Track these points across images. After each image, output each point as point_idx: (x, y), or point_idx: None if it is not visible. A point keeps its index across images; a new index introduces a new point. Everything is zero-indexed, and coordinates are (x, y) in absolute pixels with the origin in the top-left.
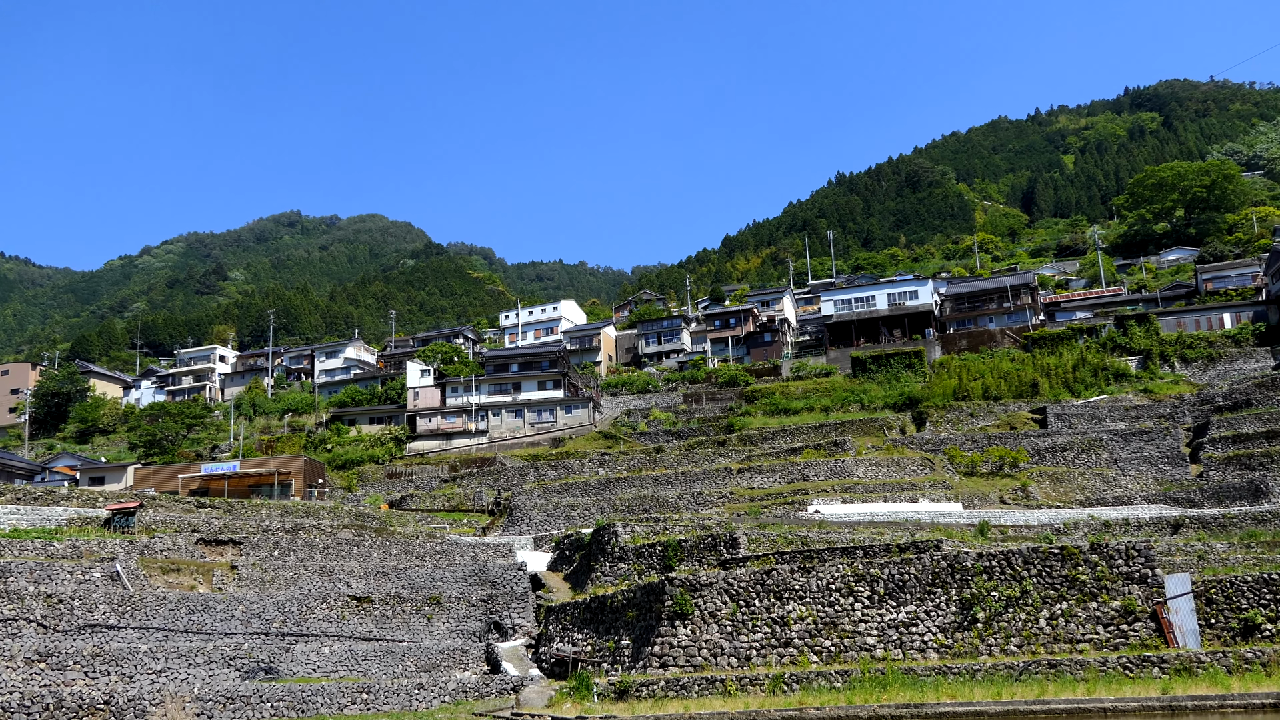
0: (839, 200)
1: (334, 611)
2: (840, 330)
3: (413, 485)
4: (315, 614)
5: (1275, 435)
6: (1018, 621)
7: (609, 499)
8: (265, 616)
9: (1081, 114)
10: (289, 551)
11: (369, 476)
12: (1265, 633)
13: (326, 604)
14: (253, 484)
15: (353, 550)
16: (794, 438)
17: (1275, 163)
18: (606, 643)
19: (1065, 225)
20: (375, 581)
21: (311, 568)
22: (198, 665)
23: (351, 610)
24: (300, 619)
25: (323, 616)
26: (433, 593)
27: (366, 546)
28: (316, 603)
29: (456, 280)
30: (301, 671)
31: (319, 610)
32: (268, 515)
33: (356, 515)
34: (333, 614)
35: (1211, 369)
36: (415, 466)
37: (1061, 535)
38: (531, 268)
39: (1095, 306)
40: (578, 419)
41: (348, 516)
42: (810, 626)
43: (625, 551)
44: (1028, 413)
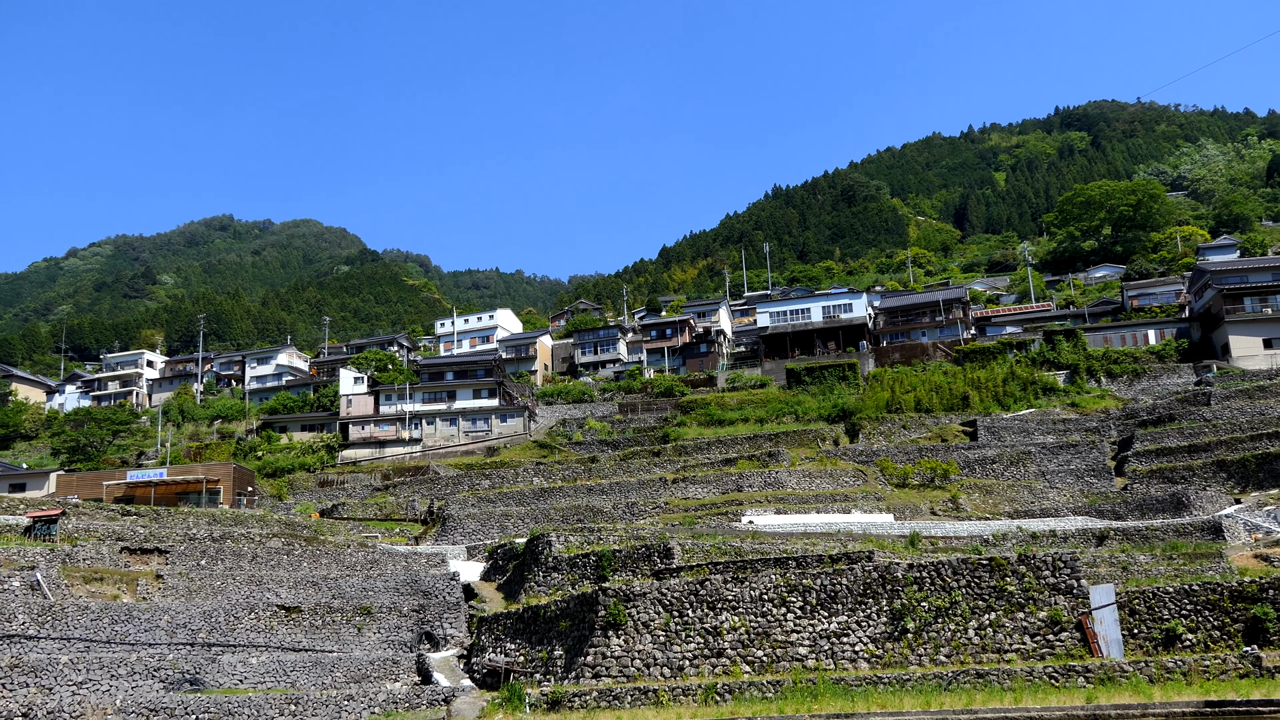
0: (775, 213)
1: (262, 621)
2: (775, 342)
3: (345, 494)
4: (243, 624)
5: (1197, 450)
6: (947, 632)
7: (543, 508)
8: (191, 626)
9: (1013, 132)
10: (217, 560)
11: (300, 484)
12: (1186, 642)
13: (255, 614)
14: (180, 491)
15: (282, 559)
16: (729, 448)
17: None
18: (539, 653)
19: (996, 241)
20: (305, 591)
21: (240, 577)
22: (120, 677)
23: (280, 620)
24: (227, 629)
25: (251, 627)
26: (364, 603)
27: (296, 556)
28: (244, 612)
29: (392, 287)
30: (228, 683)
31: (247, 620)
32: (195, 523)
33: (287, 524)
34: (261, 624)
35: (1136, 384)
36: (347, 475)
37: (990, 547)
38: (468, 276)
39: (1025, 322)
40: (513, 428)
41: (277, 525)
42: (743, 636)
43: (559, 561)
44: (958, 425)
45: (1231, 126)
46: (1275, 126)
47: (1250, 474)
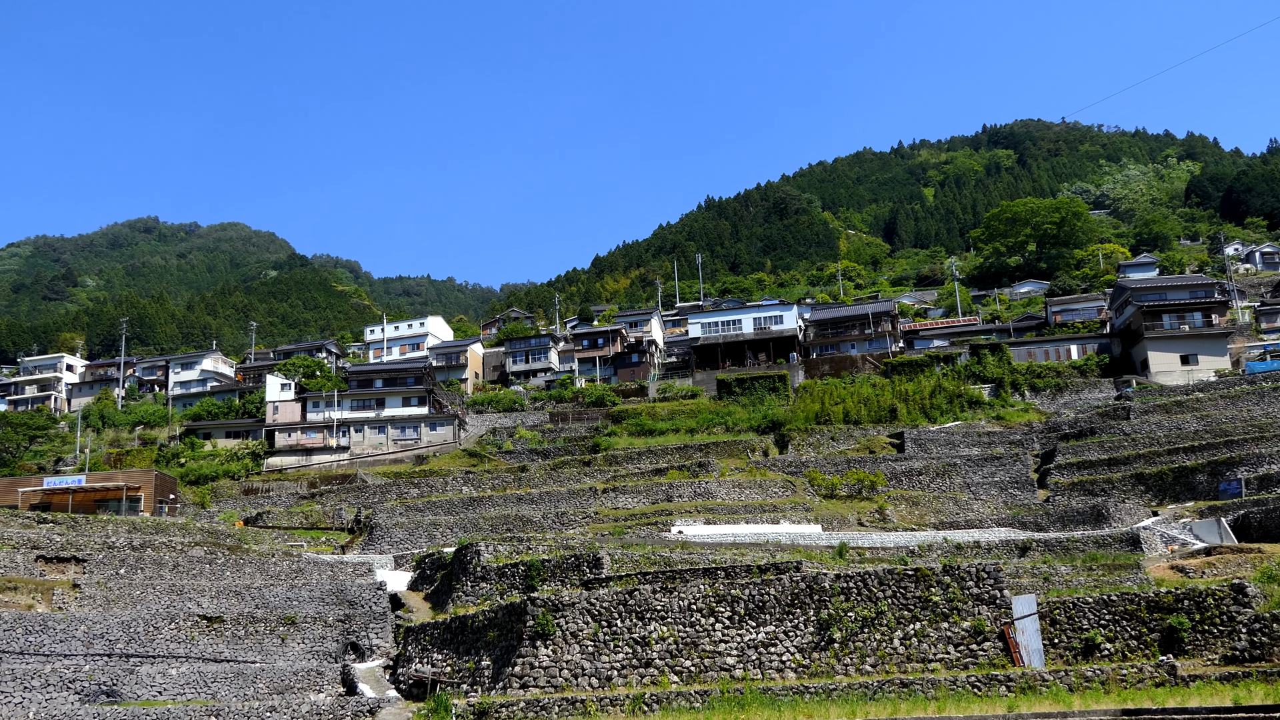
0: (708, 224)
1: (183, 632)
2: (707, 353)
3: (270, 502)
4: (163, 634)
5: (1116, 463)
6: (873, 641)
7: (472, 518)
8: (109, 637)
9: (942, 149)
10: (136, 569)
11: (224, 492)
12: (1104, 652)
13: (175, 624)
14: (99, 499)
15: (204, 568)
16: (659, 458)
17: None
18: (466, 663)
19: (925, 256)
20: (228, 601)
21: (160, 586)
22: (34, 689)
23: (202, 630)
24: (146, 639)
25: (171, 637)
26: (288, 612)
27: (219, 565)
28: (164, 623)
29: (321, 293)
30: (146, 694)
31: (167, 630)
32: (114, 531)
33: (210, 532)
34: (181, 634)
35: (1059, 398)
36: (273, 483)
37: (916, 557)
38: (399, 282)
39: (952, 335)
40: (442, 436)
41: (200, 533)
42: (671, 646)
43: (488, 571)
44: (886, 437)
45: (1152, 148)
46: (1194, 148)
47: (1167, 487)
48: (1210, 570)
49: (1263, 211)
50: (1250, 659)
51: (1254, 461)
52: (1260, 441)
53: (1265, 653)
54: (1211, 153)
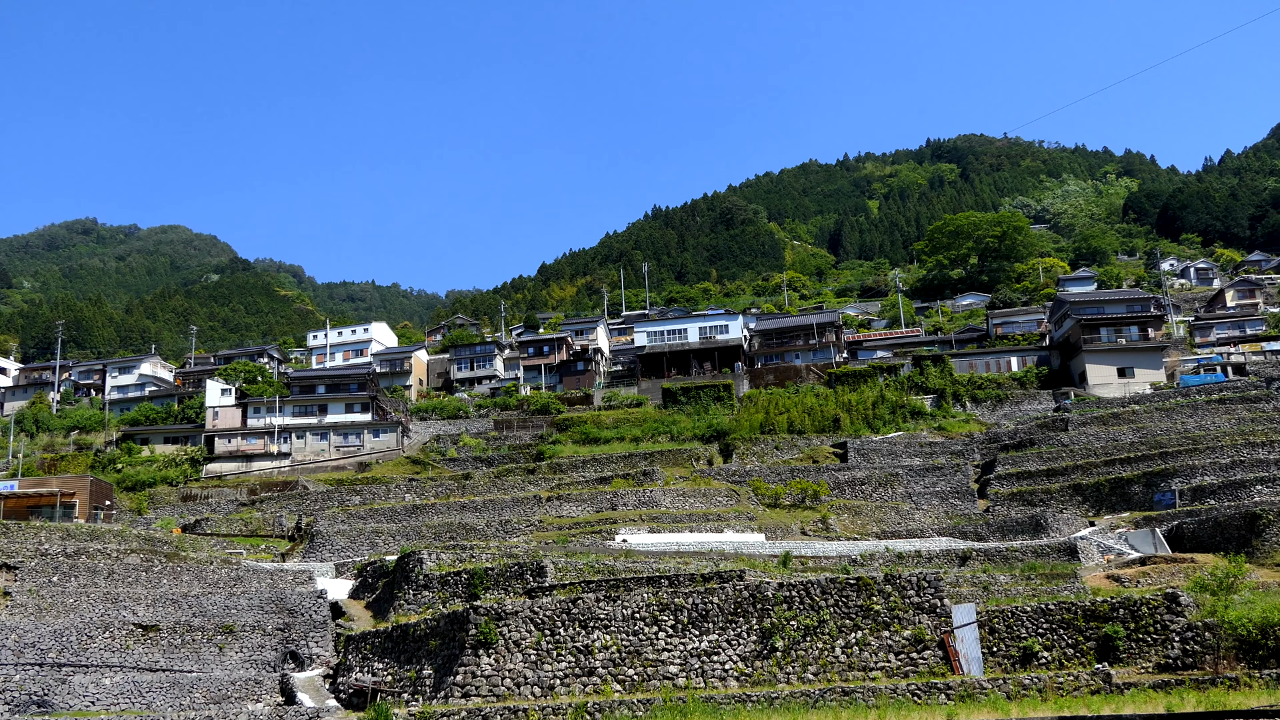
0: (655, 233)
1: (118, 641)
2: (652, 361)
3: (209, 508)
4: (97, 643)
5: (1055, 474)
6: (815, 650)
7: (415, 526)
8: (41, 646)
9: (887, 162)
10: (70, 577)
11: (162, 499)
12: (1042, 660)
13: (109, 633)
14: (32, 505)
15: (141, 576)
16: (604, 467)
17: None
18: (408, 672)
19: (869, 267)
20: (164, 609)
21: (94, 594)
22: None
23: (137, 639)
24: (80, 649)
25: (105, 646)
26: (226, 621)
27: (156, 572)
28: (98, 631)
29: (263, 297)
30: (79, 705)
31: (101, 639)
32: (48, 538)
33: (146, 539)
34: (116, 643)
35: (999, 409)
36: (212, 489)
37: (858, 566)
38: (343, 288)
39: (895, 346)
40: (385, 443)
41: (136, 540)
42: (615, 655)
43: (430, 579)
44: (829, 447)
45: (1092, 164)
46: (1132, 165)
47: (1104, 498)
48: (1145, 580)
49: (1197, 228)
50: (1183, 667)
51: (1187, 473)
52: (1194, 453)
53: (1197, 661)
54: (1149, 170)
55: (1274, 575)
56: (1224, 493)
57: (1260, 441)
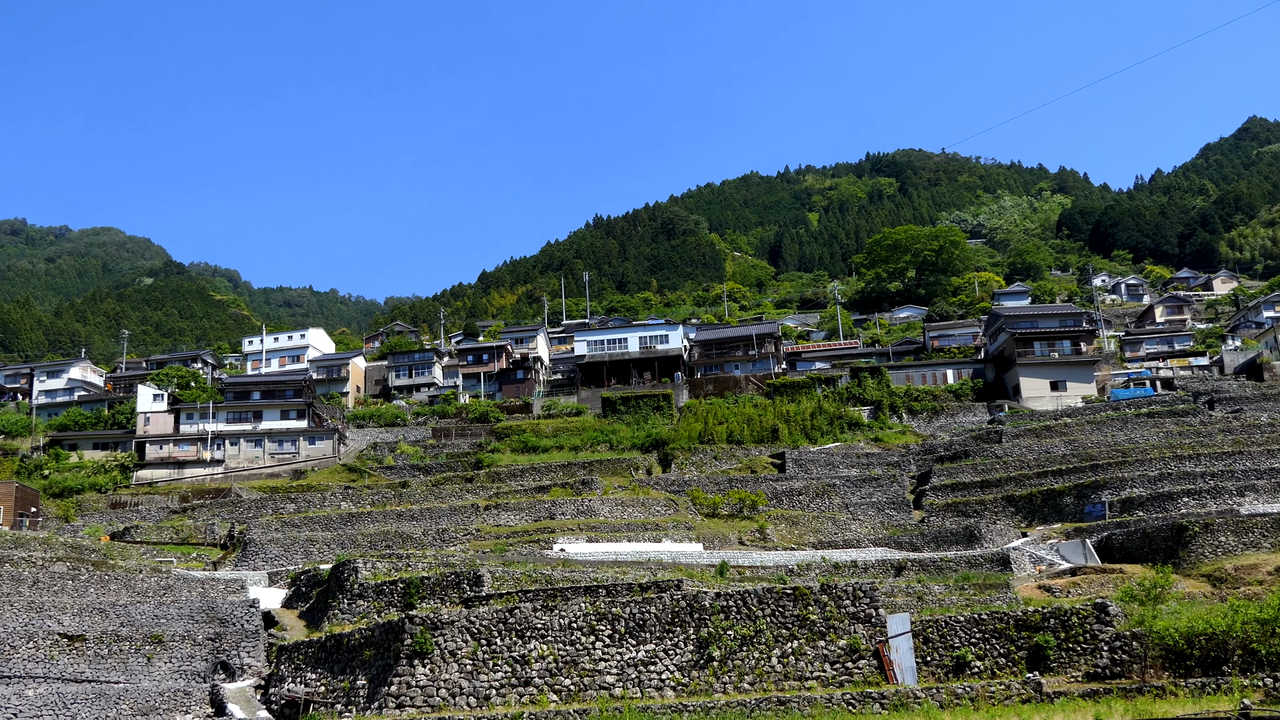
0: (596, 243)
1: (42, 651)
2: (592, 371)
3: (139, 516)
4: (20, 653)
5: (989, 485)
6: (751, 659)
7: (351, 534)
8: None
9: (827, 175)
10: None
11: (90, 506)
12: (975, 669)
13: (33, 643)
14: None
15: (67, 585)
16: (543, 476)
17: (996, 232)
18: (341, 683)
19: (809, 279)
20: (91, 619)
21: (18, 603)
22: None
23: (62, 650)
24: (2, 659)
25: (29, 656)
26: (155, 631)
27: (83, 581)
28: (22, 641)
29: (198, 302)
30: (0, 716)
31: (24, 649)
32: None
33: (73, 547)
34: (40, 653)
35: (935, 421)
36: (143, 496)
37: (795, 576)
38: (279, 293)
39: (833, 358)
40: (321, 451)
41: (63, 548)
42: (551, 665)
43: (365, 588)
44: (768, 457)
45: (1027, 180)
46: (1065, 182)
47: (1036, 509)
48: (1075, 590)
49: (1128, 245)
50: (1111, 675)
51: (1117, 485)
52: (1123, 466)
53: (1125, 670)
54: (1082, 187)
55: (1200, 586)
56: (1152, 505)
57: (1187, 455)
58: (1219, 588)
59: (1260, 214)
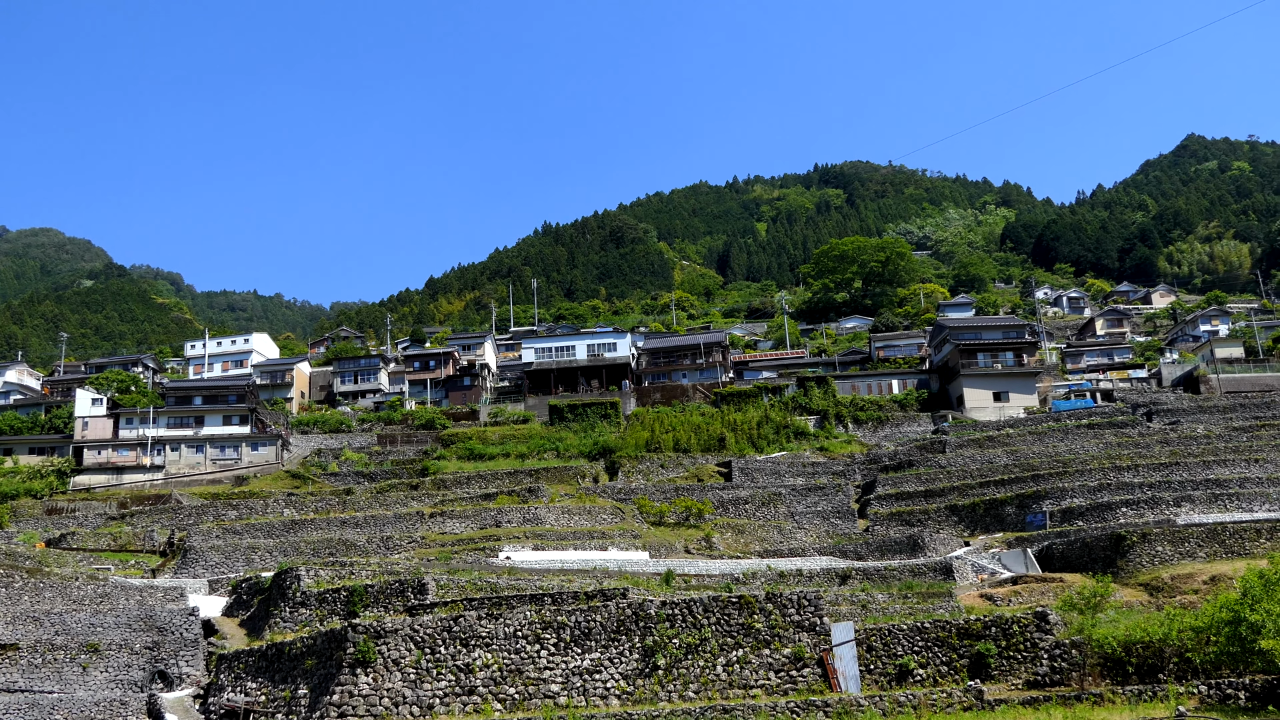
0: (545, 250)
1: None
2: (540, 378)
3: (76, 522)
4: None
5: (932, 494)
6: (696, 668)
7: (294, 541)
8: None
9: (775, 185)
10: None
11: (25, 512)
12: (917, 677)
13: None
14: None
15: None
16: (489, 483)
17: (941, 244)
18: (282, 692)
19: (756, 289)
20: (24, 627)
21: None
22: None
23: None
24: None
25: None
26: (91, 639)
27: (16, 588)
28: None
29: (139, 305)
30: None
31: None
32: None
33: (7, 554)
34: None
35: (880, 430)
36: (80, 502)
37: (740, 585)
38: (223, 297)
39: (780, 367)
40: (264, 457)
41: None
42: (496, 674)
43: (308, 596)
44: (714, 466)
45: (972, 194)
46: (1009, 196)
47: (979, 518)
48: (1016, 599)
49: (1070, 259)
50: (1051, 683)
51: (1058, 495)
52: (1064, 476)
53: (1065, 677)
54: (1025, 201)
55: (1138, 595)
56: (1092, 514)
57: (1126, 465)
58: (1156, 596)
59: (1198, 229)
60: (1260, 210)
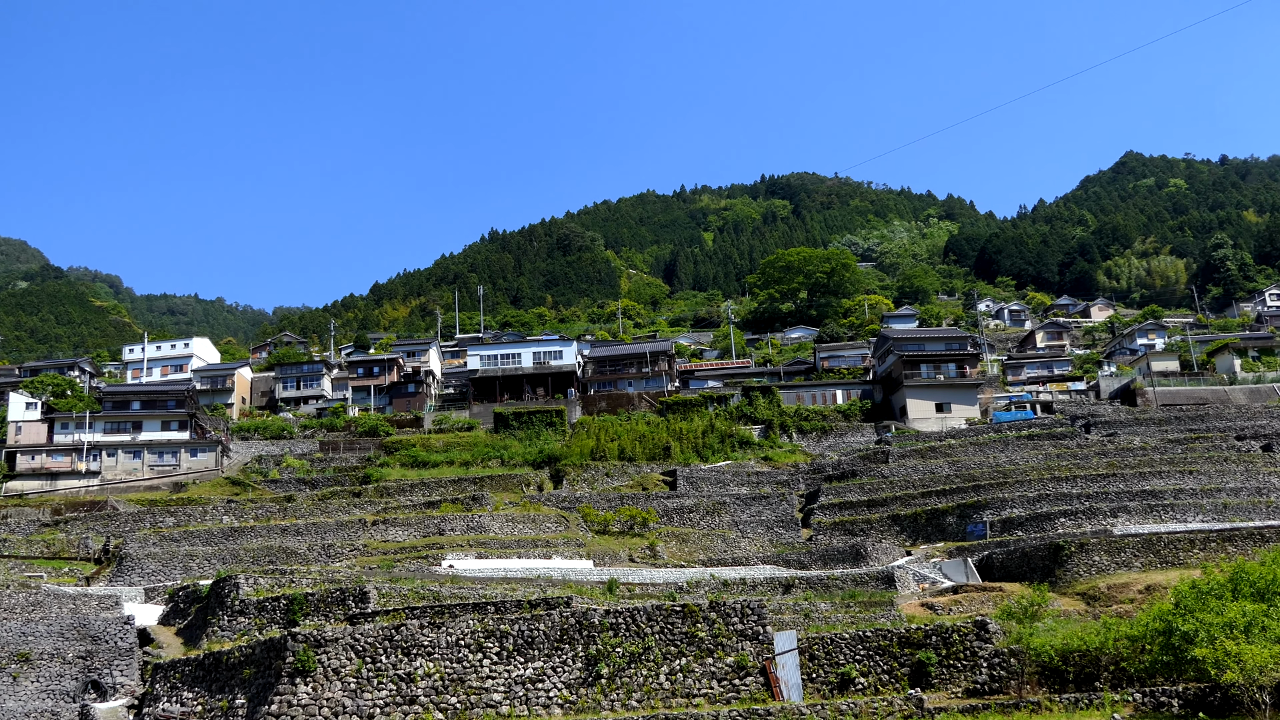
0: (491, 257)
1: None
2: (485, 385)
3: (7, 529)
4: None
5: (875, 504)
6: (639, 677)
7: (233, 549)
8: None
9: (723, 195)
10: None
11: None
12: (859, 686)
13: None
14: None
15: None
16: (432, 491)
17: (885, 256)
18: (220, 702)
19: (703, 298)
20: None
21: None
22: None
23: None
24: None
25: None
26: (22, 649)
27: None
28: None
29: (76, 308)
30: None
31: None
32: None
33: None
34: None
35: (824, 440)
36: (12, 508)
37: (684, 593)
38: (163, 300)
39: (726, 377)
40: (204, 463)
41: None
42: (437, 683)
43: (247, 605)
44: (659, 475)
45: (916, 206)
46: (953, 209)
47: (920, 528)
48: (957, 608)
49: (1012, 272)
50: (990, 691)
51: (998, 505)
52: (1004, 486)
53: (1004, 685)
54: (969, 214)
55: (1075, 604)
56: (1031, 525)
57: (1065, 476)
58: (1093, 605)
59: (1135, 245)
60: (1195, 227)
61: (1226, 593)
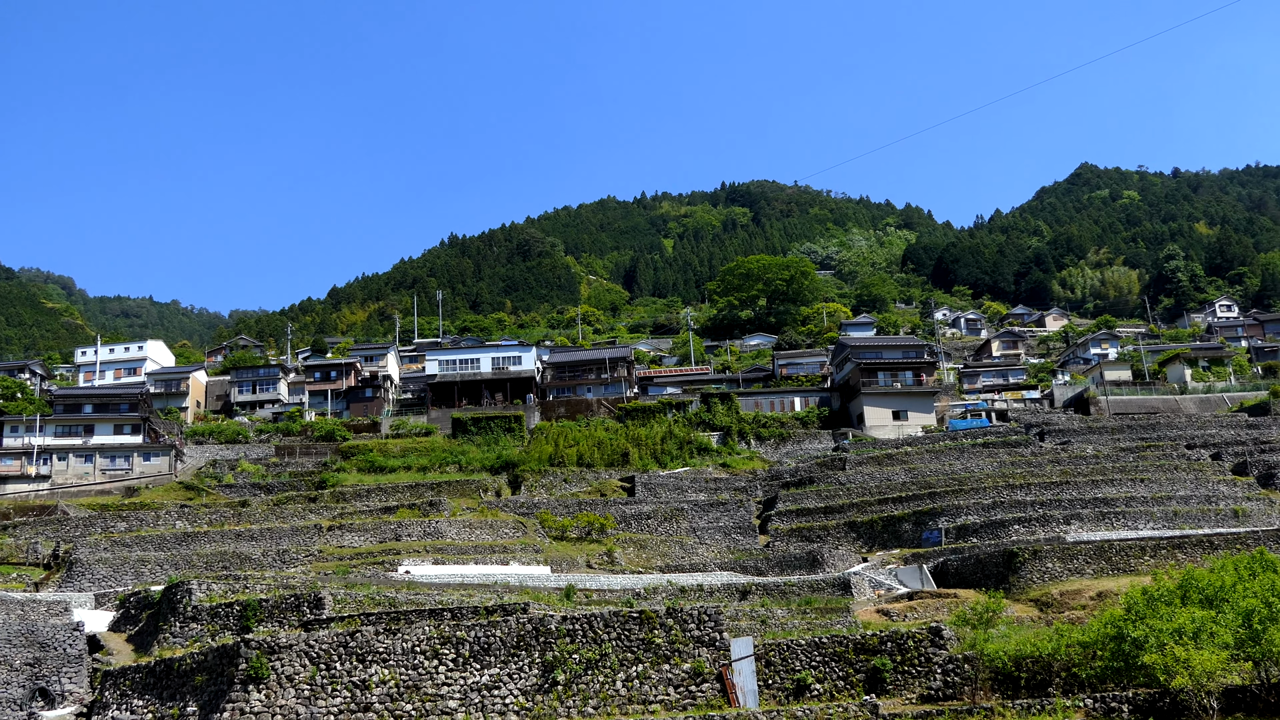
0: (450, 261)
1: None
2: (443, 390)
3: None
4: None
5: (832, 511)
6: (596, 683)
7: (186, 554)
8: None
9: (683, 202)
10: None
11: None
12: (814, 692)
13: None
14: None
15: None
16: (389, 496)
17: (844, 264)
18: (171, 710)
19: (662, 305)
20: None
21: None
22: None
23: None
24: None
25: None
26: None
27: None
28: None
29: (27, 309)
30: None
31: None
32: None
33: None
34: None
35: (782, 447)
36: None
37: (642, 600)
38: (117, 302)
39: (685, 383)
40: (157, 467)
41: None
42: (393, 690)
43: (199, 611)
44: (618, 481)
45: (875, 215)
46: (910, 219)
47: (876, 535)
48: (912, 614)
49: (968, 281)
50: (944, 697)
51: (954, 512)
52: (959, 494)
53: (957, 691)
54: (926, 224)
55: (1028, 610)
56: (985, 531)
57: (1019, 484)
58: (1046, 612)
59: (1089, 255)
60: (1148, 238)
61: (1176, 599)
